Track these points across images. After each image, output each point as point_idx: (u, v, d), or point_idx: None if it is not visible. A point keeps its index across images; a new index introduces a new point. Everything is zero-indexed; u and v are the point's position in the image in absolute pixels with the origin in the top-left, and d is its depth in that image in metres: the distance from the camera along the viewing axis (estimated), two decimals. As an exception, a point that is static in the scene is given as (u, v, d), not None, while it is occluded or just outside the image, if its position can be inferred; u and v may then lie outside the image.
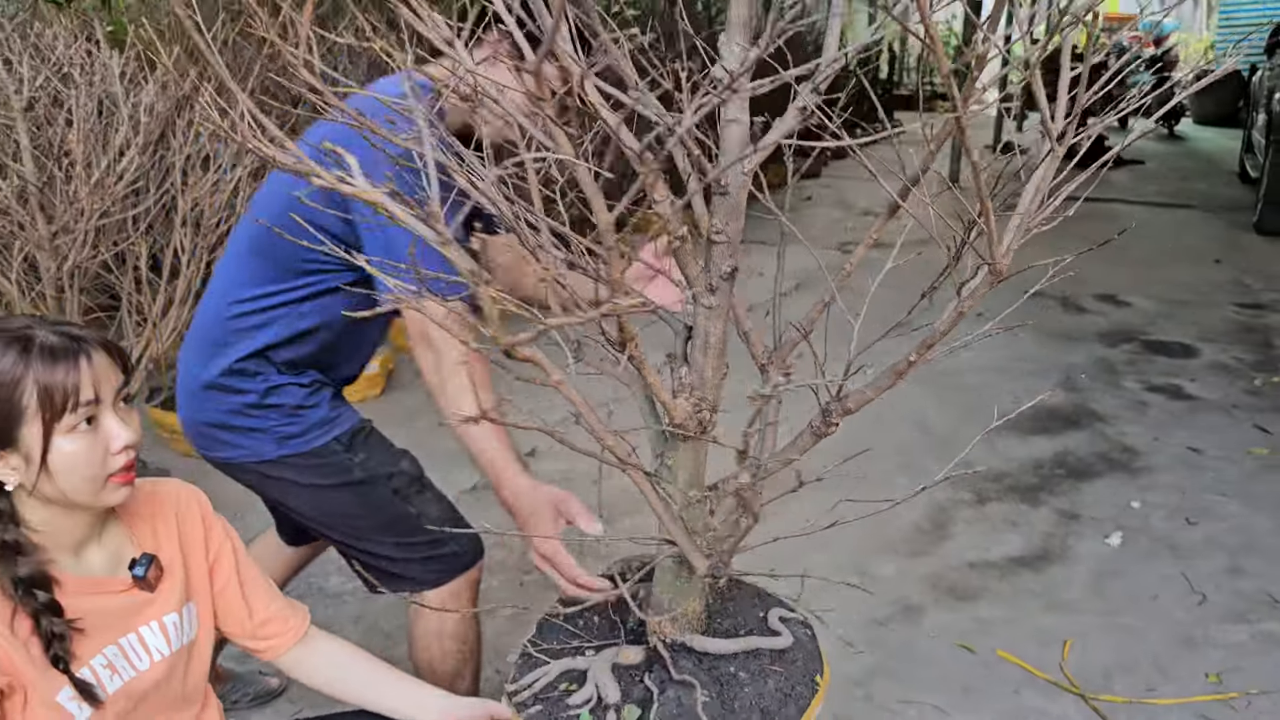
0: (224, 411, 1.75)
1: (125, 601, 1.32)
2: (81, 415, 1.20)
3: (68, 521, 1.26)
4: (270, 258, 1.70)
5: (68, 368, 1.20)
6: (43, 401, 1.18)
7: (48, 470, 1.19)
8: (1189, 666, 2.45)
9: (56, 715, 1.23)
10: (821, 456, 1.70)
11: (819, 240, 7.23)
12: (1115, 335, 5.05)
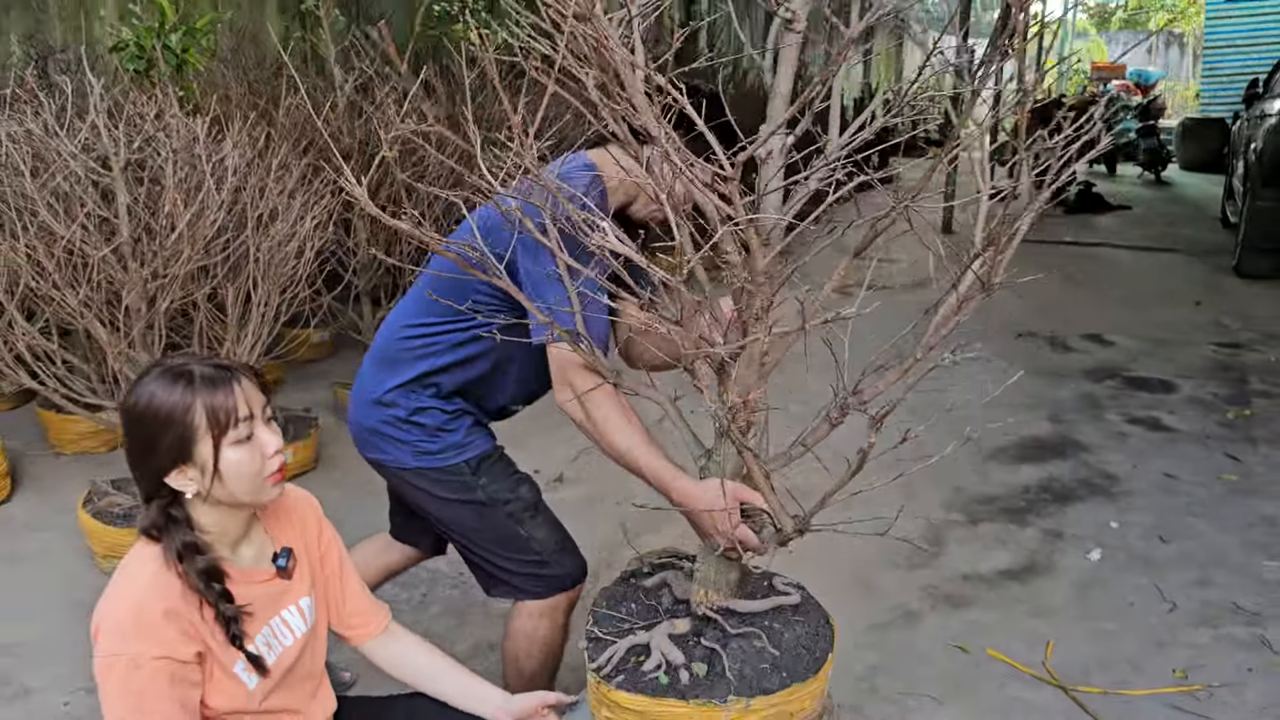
0: (379, 421, 2.09)
1: (271, 589, 1.61)
2: (243, 430, 1.50)
3: (230, 522, 1.56)
4: (444, 295, 1.99)
5: (225, 392, 1.50)
6: (211, 421, 1.47)
7: (220, 477, 1.48)
8: (1159, 664, 2.73)
9: (234, 684, 1.52)
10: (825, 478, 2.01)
11: (814, 281, 7.54)
12: (1099, 372, 5.37)
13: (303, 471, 3.87)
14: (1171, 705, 2.55)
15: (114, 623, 1.42)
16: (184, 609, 1.46)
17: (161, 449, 1.46)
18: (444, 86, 4.76)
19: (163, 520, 1.49)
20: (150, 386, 1.48)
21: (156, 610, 1.43)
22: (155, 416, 1.45)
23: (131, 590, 1.45)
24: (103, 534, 3.04)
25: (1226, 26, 16.73)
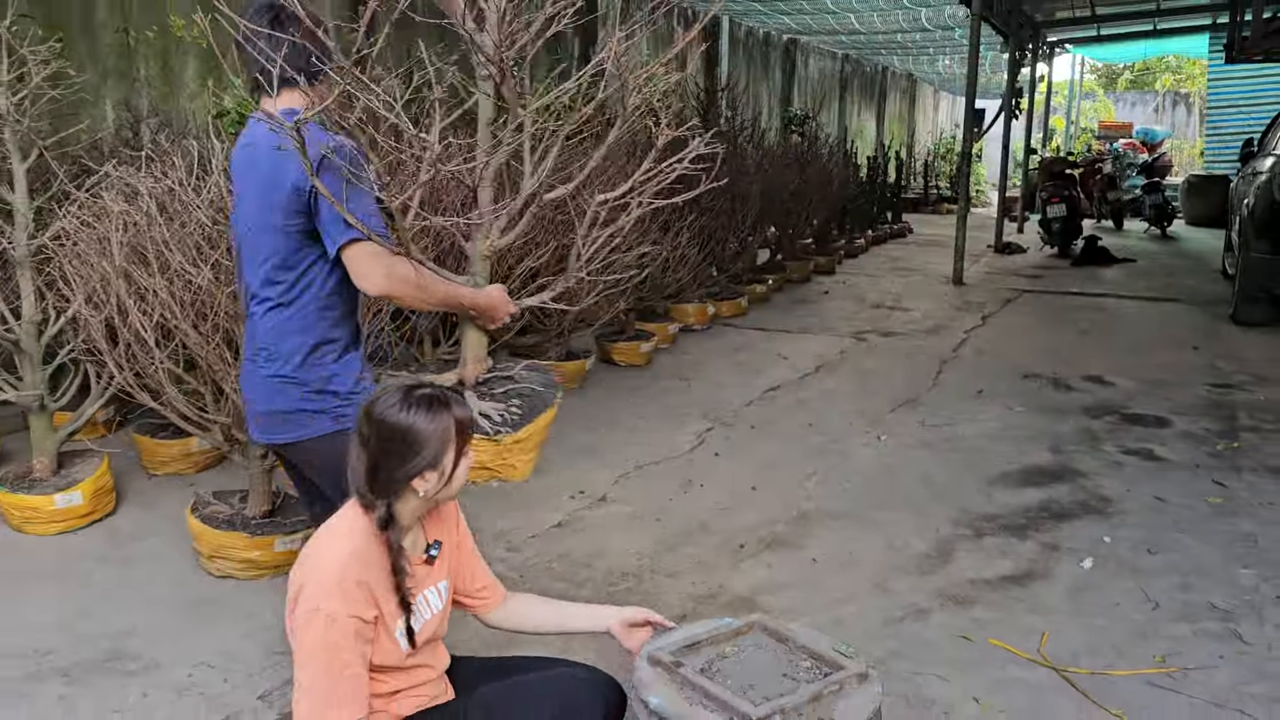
0: (297, 400, 2.31)
1: (419, 572, 2.02)
2: (468, 447, 1.94)
3: (413, 518, 1.98)
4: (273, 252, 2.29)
5: (465, 410, 1.94)
6: (460, 434, 1.91)
7: (450, 481, 1.92)
8: (1141, 651, 3.10)
9: (392, 645, 1.95)
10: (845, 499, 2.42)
11: (836, 330, 7.99)
12: (1099, 409, 5.76)
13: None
14: (1150, 683, 2.92)
15: (319, 585, 1.83)
16: (373, 581, 1.88)
17: (421, 458, 1.88)
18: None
19: (381, 508, 1.90)
20: (409, 409, 1.88)
21: (353, 579, 1.85)
22: (420, 433, 1.88)
23: (335, 562, 1.86)
24: (210, 536, 3.46)
25: (1228, 88, 17.27)
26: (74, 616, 3.22)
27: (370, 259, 2.27)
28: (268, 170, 2.27)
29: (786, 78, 16.03)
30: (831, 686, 2.03)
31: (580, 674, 2.13)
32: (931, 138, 26.00)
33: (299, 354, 2.31)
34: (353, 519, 1.93)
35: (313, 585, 1.84)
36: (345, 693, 1.83)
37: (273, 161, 2.24)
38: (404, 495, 1.92)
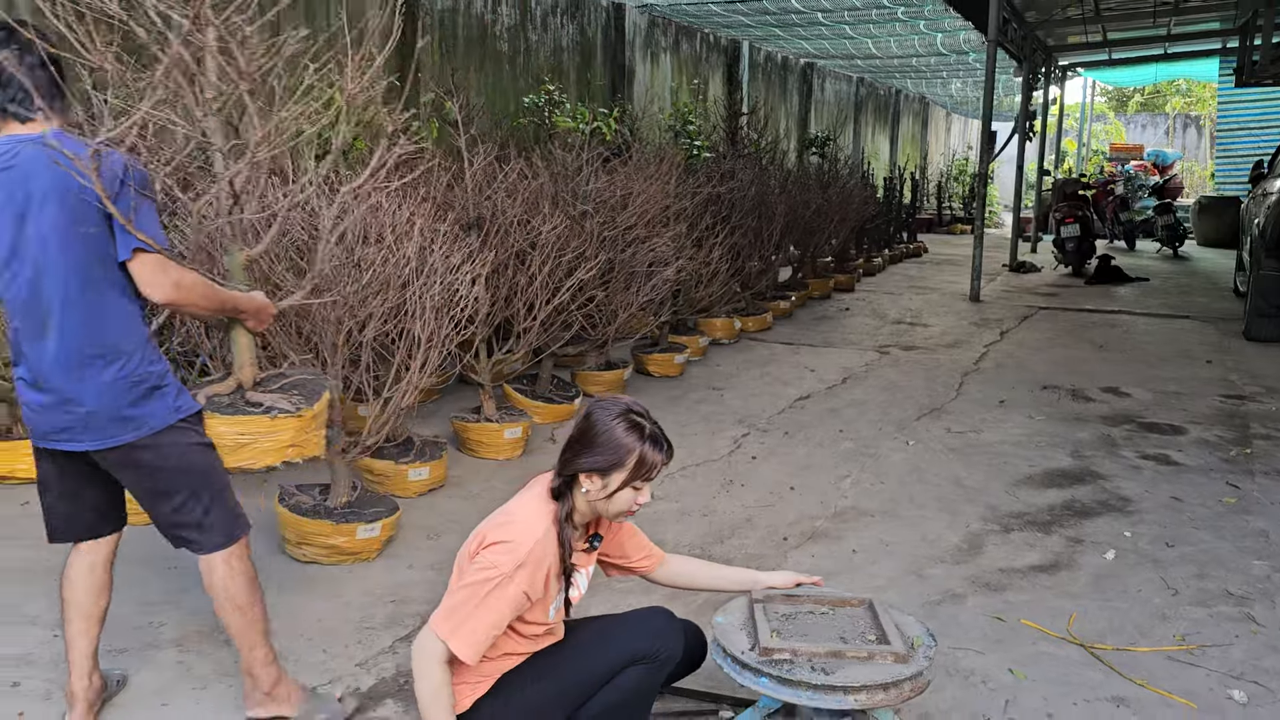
0: (127, 404, 2.41)
1: (580, 557, 2.35)
2: (642, 484, 2.23)
3: (584, 518, 2.30)
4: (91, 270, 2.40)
5: (658, 454, 2.23)
6: (635, 468, 2.20)
7: (609, 499, 2.22)
8: (1162, 631, 3.36)
9: (542, 614, 2.26)
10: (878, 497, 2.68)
11: (860, 344, 8.27)
12: (1117, 418, 6.02)
13: (436, 487, 4.57)
14: (1169, 659, 3.18)
15: (510, 555, 2.15)
16: (550, 565, 2.21)
17: (594, 459, 2.20)
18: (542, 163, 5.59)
19: (565, 491, 2.24)
20: (615, 418, 2.20)
21: (540, 560, 2.18)
22: (608, 439, 2.20)
23: (532, 538, 2.19)
24: (295, 523, 3.74)
25: (1238, 111, 17.57)
26: (176, 595, 3.51)
27: (158, 269, 2.40)
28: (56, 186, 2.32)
29: (804, 100, 16.38)
30: (858, 651, 2.30)
31: (662, 615, 2.43)
32: (944, 159, 26.33)
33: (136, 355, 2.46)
34: (546, 504, 2.26)
35: (507, 552, 2.16)
36: (478, 635, 2.13)
37: (55, 176, 2.30)
38: (574, 487, 2.23)
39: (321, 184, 3.62)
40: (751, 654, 2.28)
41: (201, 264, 3.03)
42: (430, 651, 2.15)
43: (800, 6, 10.43)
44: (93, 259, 2.38)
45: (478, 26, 8.33)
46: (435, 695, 2.16)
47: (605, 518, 2.33)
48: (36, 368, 2.43)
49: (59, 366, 2.40)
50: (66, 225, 2.34)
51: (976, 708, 2.88)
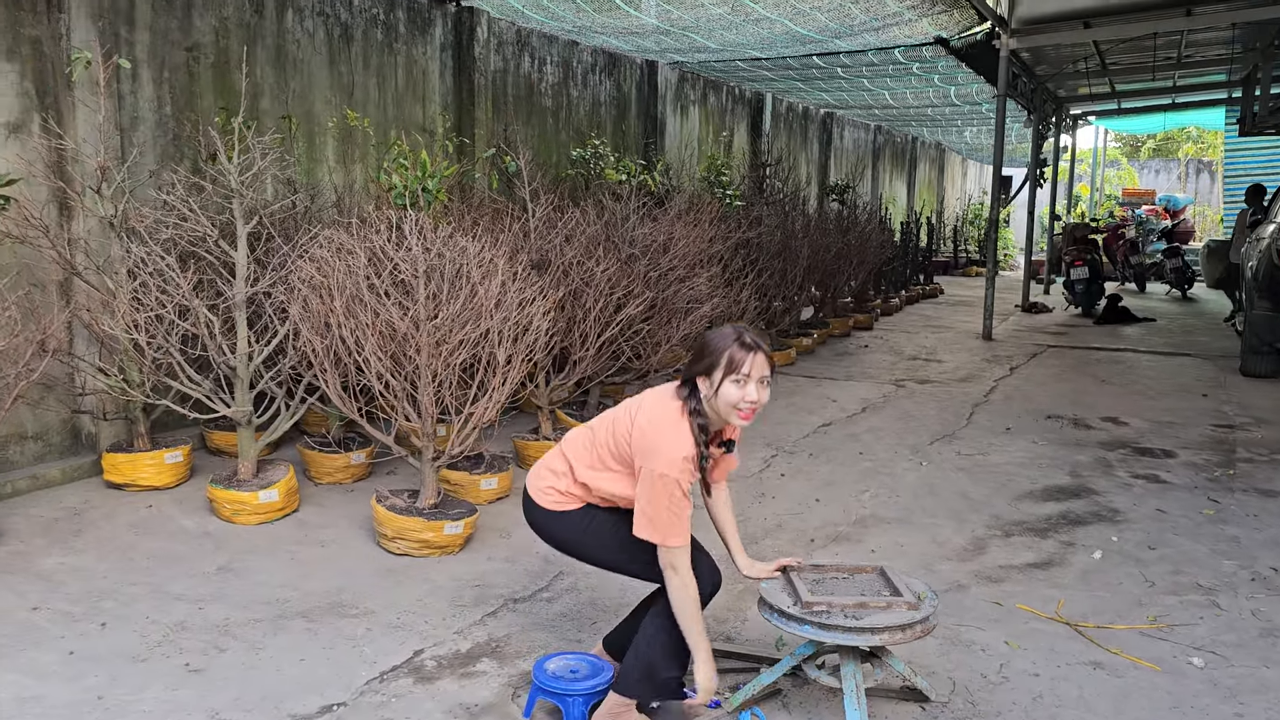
0: None
1: (715, 455, 2.97)
2: (740, 377, 2.80)
3: (712, 417, 2.88)
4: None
5: (745, 352, 2.82)
6: (728, 364, 2.81)
7: (717, 395, 2.81)
8: (1138, 613, 3.92)
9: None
10: (895, 508, 3.26)
11: (878, 378, 8.86)
12: (1114, 444, 6.58)
13: (503, 496, 5.18)
14: (1142, 635, 3.74)
15: (667, 459, 2.77)
16: (694, 460, 2.81)
17: (702, 362, 2.84)
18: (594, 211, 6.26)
19: (688, 394, 2.85)
20: (719, 330, 2.85)
21: (685, 455, 2.79)
22: (707, 345, 2.84)
23: (680, 441, 2.79)
24: (391, 520, 4.37)
25: (1244, 158, 18.18)
26: (297, 579, 4.13)
27: None
28: None
29: (824, 148, 17.08)
30: (879, 602, 2.90)
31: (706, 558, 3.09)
32: (960, 203, 26.99)
33: None
34: (676, 407, 2.86)
35: (664, 458, 2.78)
36: (681, 524, 2.79)
37: None
38: (698, 391, 2.84)
39: (416, 230, 4.29)
40: (796, 608, 2.88)
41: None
42: (665, 561, 2.81)
43: (820, 63, 11.13)
44: None
45: (525, 85, 9.07)
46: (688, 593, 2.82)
47: (724, 416, 2.84)
48: None
49: None
50: None
51: (976, 668, 3.45)
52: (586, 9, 7.94)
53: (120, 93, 5.46)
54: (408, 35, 7.66)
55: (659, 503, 2.76)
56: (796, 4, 7.95)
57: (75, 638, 3.55)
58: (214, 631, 3.63)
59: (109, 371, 5.00)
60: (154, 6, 5.68)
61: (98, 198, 4.98)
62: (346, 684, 3.27)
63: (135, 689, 3.20)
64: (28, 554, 4.31)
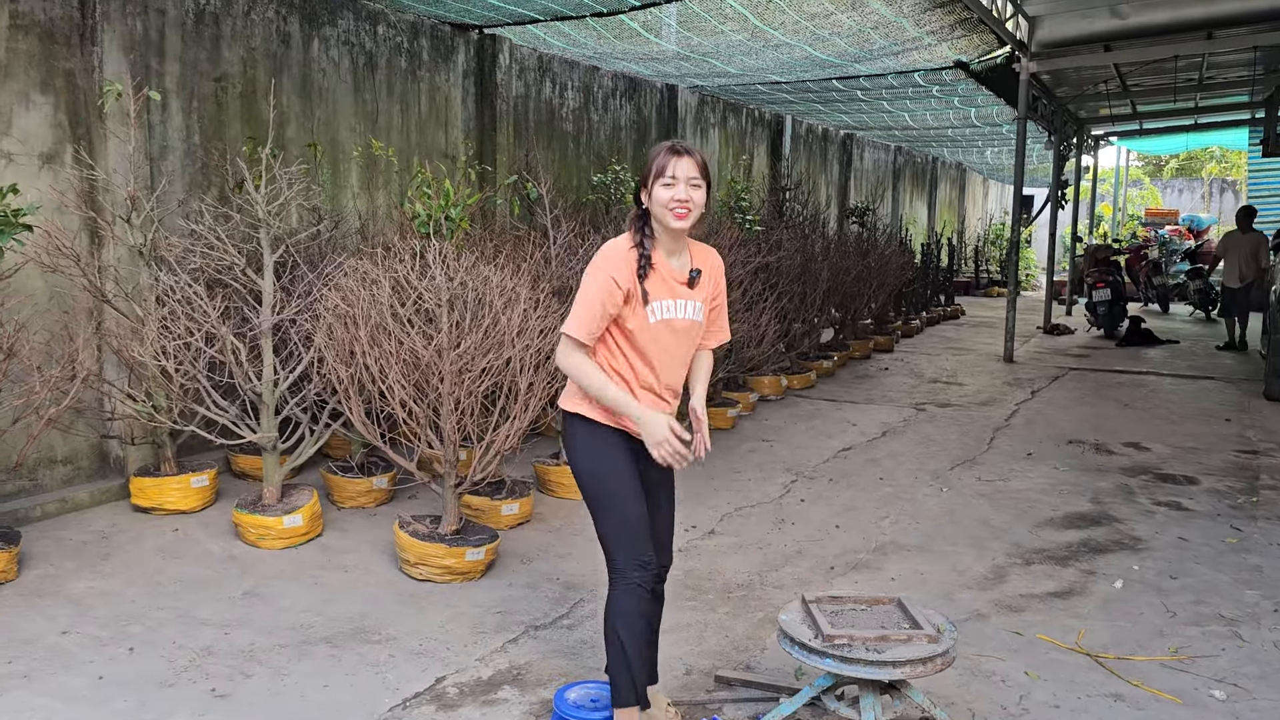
0: None
1: (678, 286, 2.96)
2: (668, 179, 2.85)
3: (663, 235, 2.92)
4: None
5: (673, 156, 2.87)
6: (657, 170, 2.87)
7: (651, 200, 2.87)
8: (1158, 644, 3.91)
9: (643, 315, 2.88)
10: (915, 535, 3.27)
11: (898, 402, 8.86)
12: (1135, 470, 6.55)
13: (524, 521, 5.22)
14: (1163, 666, 3.73)
15: (603, 256, 2.88)
16: (629, 265, 2.86)
17: (644, 176, 2.91)
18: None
19: (639, 223, 2.91)
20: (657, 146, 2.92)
21: (622, 257, 2.86)
22: (648, 159, 2.91)
23: (615, 248, 2.89)
24: (414, 546, 4.41)
25: (1267, 178, 18.08)
26: (320, 604, 4.18)
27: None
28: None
29: (844, 169, 17.12)
30: (900, 635, 2.91)
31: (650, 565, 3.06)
32: (981, 224, 26.94)
33: None
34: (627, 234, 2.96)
35: (599, 256, 2.90)
36: (585, 318, 2.86)
37: None
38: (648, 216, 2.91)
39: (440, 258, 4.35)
40: (817, 641, 2.89)
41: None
42: (562, 348, 2.91)
43: (840, 86, 11.19)
44: None
45: (546, 110, 9.16)
46: (587, 373, 2.88)
47: (662, 221, 2.88)
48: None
49: None
50: None
51: (996, 699, 3.45)
52: (607, 36, 8.03)
53: (150, 123, 5.57)
54: (431, 63, 7.76)
55: (580, 292, 2.90)
56: (816, 30, 8.01)
57: (104, 662, 3.61)
58: (240, 657, 3.67)
59: (137, 397, 5.08)
60: (184, 38, 5.79)
61: (127, 226, 5.08)
62: (370, 710, 3.31)
63: (162, 714, 3.25)
64: (58, 577, 4.38)
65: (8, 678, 3.47)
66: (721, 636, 3.94)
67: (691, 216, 2.90)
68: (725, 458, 6.73)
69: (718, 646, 3.86)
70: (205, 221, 5.09)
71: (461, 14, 7.48)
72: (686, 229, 2.93)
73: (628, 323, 2.91)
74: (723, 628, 4.03)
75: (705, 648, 3.85)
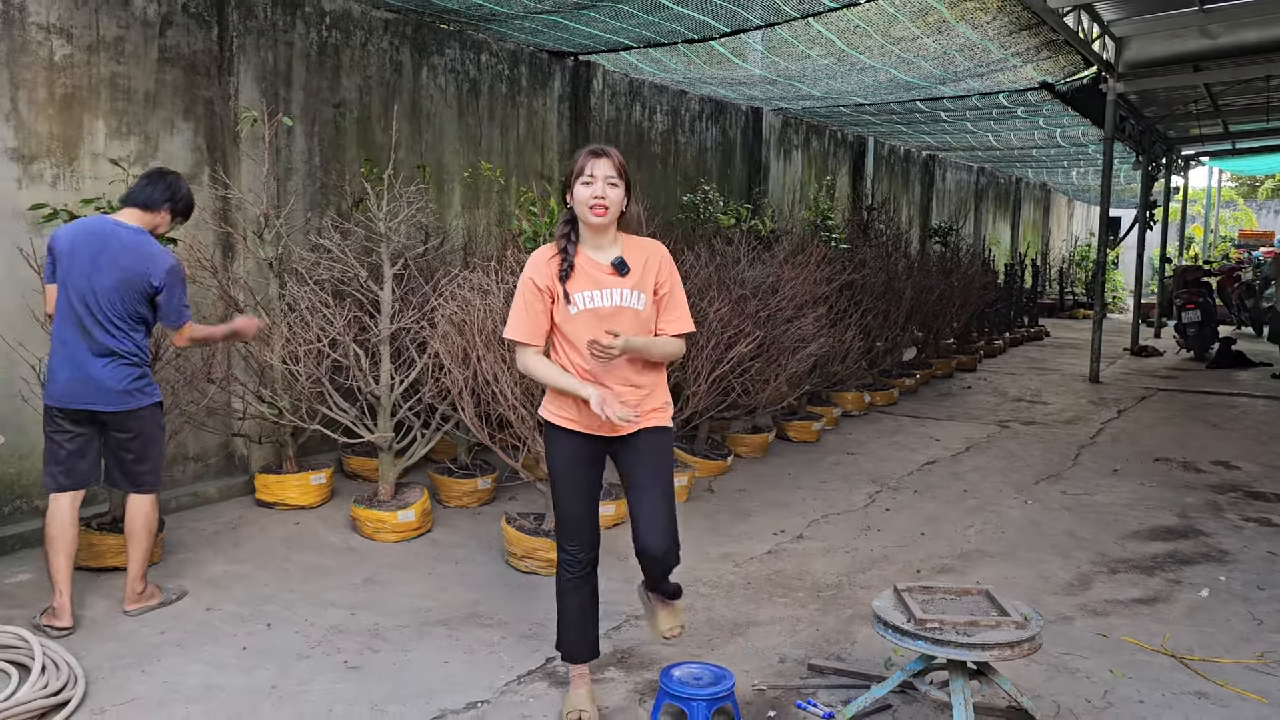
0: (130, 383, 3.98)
1: (602, 275, 3.15)
2: (586, 179, 3.08)
3: (587, 232, 3.15)
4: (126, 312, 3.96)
5: (591, 157, 3.09)
6: (577, 170, 3.09)
7: (572, 198, 3.10)
8: (1244, 649, 3.99)
9: (563, 309, 3.11)
10: (999, 544, 3.42)
11: (982, 419, 8.93)
12: (1224, 487, 6.56)
13: (619, 522, 5.48)
14: (1248, 668, 3.82)
15: (528, 263, 3.16)
16: (549, 267, 3.12)
17: (566, 178, 3.13)
18: (705, 254, 6.58)
19: (565, 227, 3.15)
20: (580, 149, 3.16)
21: (542, 262, 3.13)
22: (571, 161, 3.14)
23: (538, 254, 3.16)
24: (521, 540, 4.70)
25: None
26: (435, 591, 4.49)
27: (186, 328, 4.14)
28: (131, 257, 3.92)
29: (925, 190, 17.16)
30: (989, 621, 3.08)
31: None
32: (1066, 245, 26.58)
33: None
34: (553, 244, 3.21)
35: (527, 265, 3.18)
36: (521, 321, 3.16)
37: (135, 253, 3.93)
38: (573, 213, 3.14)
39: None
40: (910, 624, 3.09)
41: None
42: (516, 353, 3.23)
43: (924, 107, 11.32)
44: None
45: (636, 132, 9.49)
46: (533, 366, 3.17)
47: (584, 218, 3.09)
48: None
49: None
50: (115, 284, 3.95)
51: (1080, 693, 3.59)
52: (697, 61, 8.32)
53: (277, 146, 6.01)
54: (529, 88, 8.14)
55: (515, 300, 3.19)
56: (901, 53, 8.20)
57: (245, 635, 3.96)
58: (366, 635, 3.99)
59: (266, 399, 5.49)
60: (308, 68, 6.24)
61: (259, 241, 5.50)
62: (488, 685, 3.59)
63: (302, 681, 3.58)
64: (197, 562, 4.77)
65: (163, 646, 3.84)
66: (813, 630, 4.14)
67: (610, 214, 3.10)
68: (811, 469, 6.91)
69: (809, 639, 4.06)
70: (331, 236, 5.48)
71: (559, 42, 7.84)
72: (606, 225, 3.12)
73: (557, 317, 3.17)
74: (813, 623, 4.23)
75: (798, 639, 4.05)
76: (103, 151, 5.19)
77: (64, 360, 3.92)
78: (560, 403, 3.24)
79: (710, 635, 4.08)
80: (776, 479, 6.63)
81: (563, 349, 3.20)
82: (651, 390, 3.26)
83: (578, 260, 3.14)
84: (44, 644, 3.51)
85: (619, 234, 3.22)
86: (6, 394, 4.81)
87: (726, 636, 4.06)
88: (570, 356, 3.19)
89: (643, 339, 3.16)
